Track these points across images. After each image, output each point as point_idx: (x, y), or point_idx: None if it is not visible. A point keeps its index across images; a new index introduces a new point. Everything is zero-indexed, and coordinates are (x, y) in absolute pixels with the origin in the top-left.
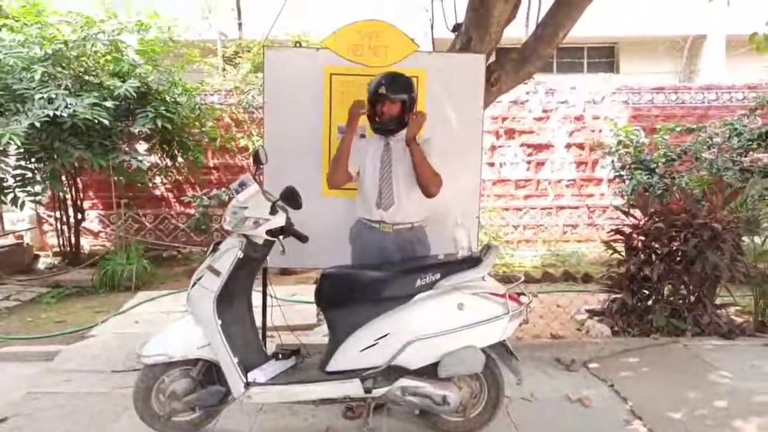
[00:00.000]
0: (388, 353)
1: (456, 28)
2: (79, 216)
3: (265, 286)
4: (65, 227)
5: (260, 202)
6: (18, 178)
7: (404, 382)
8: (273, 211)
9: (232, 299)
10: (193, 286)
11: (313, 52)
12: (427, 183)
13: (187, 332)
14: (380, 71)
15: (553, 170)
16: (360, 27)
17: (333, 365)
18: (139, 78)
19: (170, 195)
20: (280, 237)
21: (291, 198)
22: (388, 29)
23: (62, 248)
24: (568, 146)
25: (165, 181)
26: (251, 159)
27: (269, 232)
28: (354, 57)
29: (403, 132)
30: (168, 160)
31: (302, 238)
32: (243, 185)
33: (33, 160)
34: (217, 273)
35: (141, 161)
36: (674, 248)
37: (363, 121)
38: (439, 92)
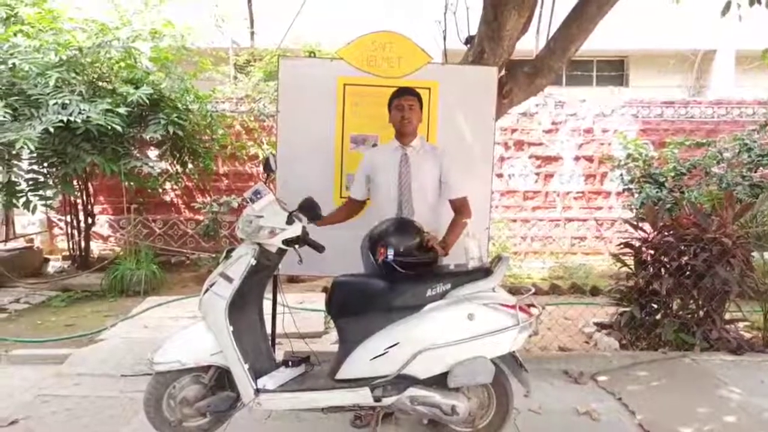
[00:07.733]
0: (398, 362)
1: (468, 40)
2: (90, 220)
3: (275, 293)
4: (75, 231)
5: (276, 211)
6: (30, 182)
7: (413, 391)
8: (290, 220)
9: (244, 306)
10: (206, 292)
11: (327, 62)
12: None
13: (199, 339)
14: (393, 82)
15: (562, 182)
16: (374, 38)
17: (343, 373)
18: (152, 85)
19: (180, 201)
20: (296, 246)
21: (310, 209)
22: (401, 41)
23: (72, 252)
24: (577, 159)
25: (175, 187)
26: (261, 166)
27: (285, 242)
28: (368, 67)
29: (418, 141)
30: (178, 167)
31: (319, 248)
32: (257, 194)
33: (46, 164)
34: (229, 280)
35: (152, 167)
36: (684, 262)
37: (371, 130)
38: (452, 104)
